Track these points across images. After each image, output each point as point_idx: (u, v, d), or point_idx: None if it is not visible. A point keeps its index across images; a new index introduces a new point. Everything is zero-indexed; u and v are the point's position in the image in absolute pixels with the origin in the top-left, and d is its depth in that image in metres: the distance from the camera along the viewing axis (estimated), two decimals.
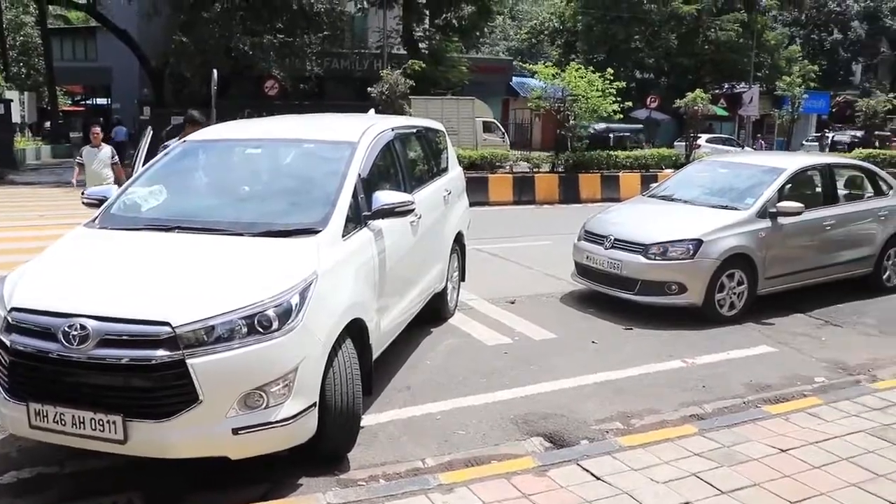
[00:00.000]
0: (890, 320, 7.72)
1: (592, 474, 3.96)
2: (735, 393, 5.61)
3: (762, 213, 7.65)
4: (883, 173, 9.34)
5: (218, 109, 13.18)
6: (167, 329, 3.54)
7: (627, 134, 29.61)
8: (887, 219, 8.77)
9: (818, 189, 8.51)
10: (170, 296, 3.68)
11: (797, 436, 4.55)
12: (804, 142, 38.83)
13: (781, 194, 7.85)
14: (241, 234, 4.23)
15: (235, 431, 3.61)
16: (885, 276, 8.85)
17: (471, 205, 8.86)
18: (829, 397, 5.28)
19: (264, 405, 3.65)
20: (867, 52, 50.87)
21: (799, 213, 7.70)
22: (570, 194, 18.10)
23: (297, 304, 3.76)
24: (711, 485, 3.90)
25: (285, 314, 3.71)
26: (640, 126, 32.08)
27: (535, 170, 18.84)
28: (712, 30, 41.38)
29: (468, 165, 19.60)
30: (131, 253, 4.17)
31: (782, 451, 4.34)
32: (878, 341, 7.00)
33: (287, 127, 5.68)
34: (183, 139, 5.52)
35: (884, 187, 9.03)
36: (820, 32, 51.30)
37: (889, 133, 28.89)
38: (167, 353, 3.52)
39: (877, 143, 26.26)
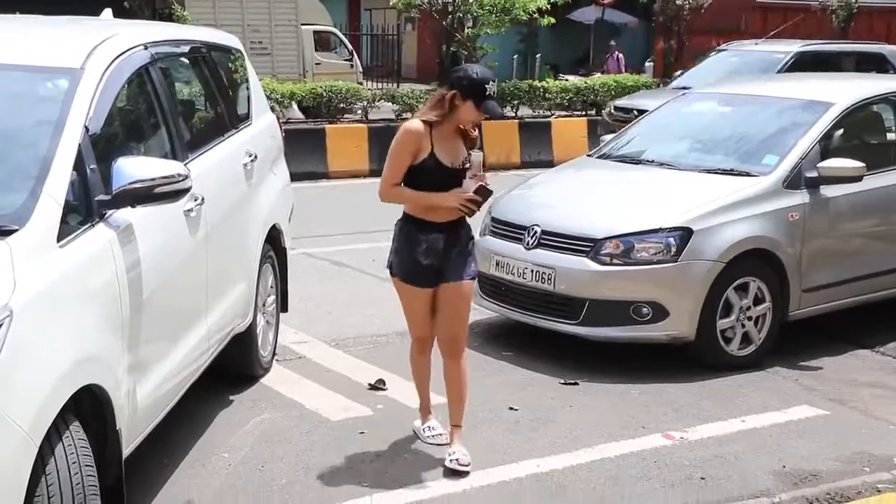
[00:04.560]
0: None
1: None
2: (757, 489, 5.68)
3: (794, 181, 7.79)
4: None
5: None
6: None
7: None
8: None
9: (892, 136, 8.66)
10: None
11: None
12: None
13: (827, 147, 8.00)
14: None
15: None
16: None
17: (296, 177, 8.64)
18: None
19: None
20: None
21: (858, 179, 7.84)
22: None
23: None
24: None
25: None
26: None
27: (405, 116, 18.77)
28: None
29: None
30: None
31: None
32: None
33: None
34: None
35: None
36: None
37: None
38: None
39: None
